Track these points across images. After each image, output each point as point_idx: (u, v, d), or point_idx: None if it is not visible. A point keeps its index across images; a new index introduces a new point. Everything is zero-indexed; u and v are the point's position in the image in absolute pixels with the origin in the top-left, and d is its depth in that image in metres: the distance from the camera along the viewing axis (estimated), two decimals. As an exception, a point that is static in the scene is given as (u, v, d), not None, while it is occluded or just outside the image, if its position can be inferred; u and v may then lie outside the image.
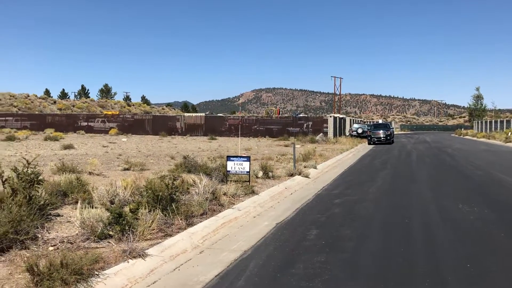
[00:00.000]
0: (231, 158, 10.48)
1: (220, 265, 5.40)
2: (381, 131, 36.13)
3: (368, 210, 8.78)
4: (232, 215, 7.85)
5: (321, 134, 37.79)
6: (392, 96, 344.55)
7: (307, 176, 13.25)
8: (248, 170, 10.24)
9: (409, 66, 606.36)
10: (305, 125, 41.74)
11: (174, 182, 7.46)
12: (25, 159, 7.15)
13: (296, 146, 15.66)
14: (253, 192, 9.88)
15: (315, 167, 15.29)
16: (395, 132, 49.12)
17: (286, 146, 28.58)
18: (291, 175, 12.96)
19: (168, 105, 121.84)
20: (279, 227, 7.36)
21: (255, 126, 43.85)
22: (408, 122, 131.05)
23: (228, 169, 10.44)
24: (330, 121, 40.05)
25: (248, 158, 10.37)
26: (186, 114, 55.88)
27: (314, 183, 12.75)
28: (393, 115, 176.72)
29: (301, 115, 55.90)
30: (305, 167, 14.66)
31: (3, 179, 6.72)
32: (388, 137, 35.64)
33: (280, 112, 62.45)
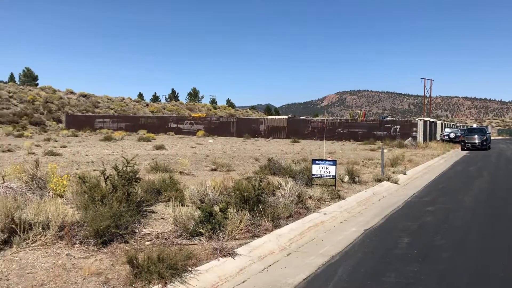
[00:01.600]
0: (317, 162, 10.38)
1: (308, 269, 5.36)
2: (476, 136, 33.72)
3: (464, 219, 8.22)
4: (318, 219, 7.76)
5: (410, 138, 36.14)
6: (488, 98, 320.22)
7: (396, 182, 12.73)
8: (334, 174, 10.07)
9: (508, 67, 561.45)
10: (392, 128, 40.22)
11: (261, 183, 7.55)
12: (124, 158, 7.65)
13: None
14: (339, 197, 9.70)
15: (404, 173, 14.66)
16: (491, 138, 45.59)
17: (372, 150, 27.76)
18: (379, 180, 12.54)
19: (252, 108, 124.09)
20: (367, 234, 7.14)
21: (339, 129, 43.09)
22: (507, 127, 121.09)
23: (313, 173, 10.35)
24: (420, 125, 38.17)
25: (334, 162, 10.21)
26: (269, 117, 56.44)
27: (403, 189, 12.22)
28: (489, 119, 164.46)
29: (388, 118, 53.98)
30: (393, 172, 14.12)
31: (105, 177, 7.25)
32: (484, 143, 33.14)
33: (366, 115, 60.78)
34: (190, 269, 4.70)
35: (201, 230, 5.97)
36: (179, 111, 76.61)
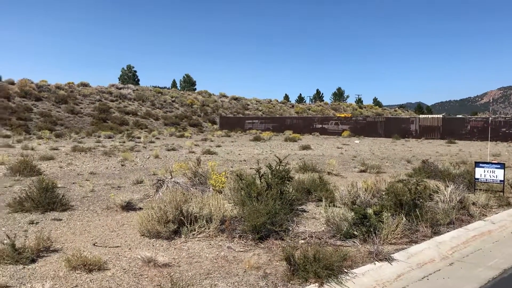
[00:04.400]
0: (481, 165, 9.43)
1: (475, 281, 4.86)
2: None
3: None
4: (484, 227, 7.02)
5: None
6: None
7: None
8: (502, 178, 9.03)
9: None
10: None
11: (418, 187, 7.10)
12: (277, 157, 7.90)
13: None
14: (509, 204, 8.65)
15: None
16: None
17: (546, 152, 24.21)
18: (558, 187, 10.84)
19: (401, 106, 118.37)
20: (547, 248, 6.22)
21: (504, 129, 38.47)
22: None
23: (476, 177, 9.42)
24: None
25: (502, 165, 9.15)
26: (421, 116, 53.04)
27: None
28: None
29: None
30: None
31: (260, 175, 7.58)
32: None
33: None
34: (346, 271, 4.63)
35: (355, 232, 5.85)
36: (323, 111, 76.79)
